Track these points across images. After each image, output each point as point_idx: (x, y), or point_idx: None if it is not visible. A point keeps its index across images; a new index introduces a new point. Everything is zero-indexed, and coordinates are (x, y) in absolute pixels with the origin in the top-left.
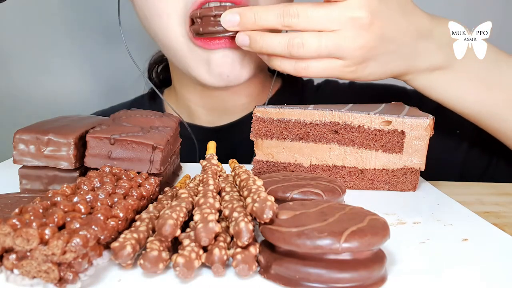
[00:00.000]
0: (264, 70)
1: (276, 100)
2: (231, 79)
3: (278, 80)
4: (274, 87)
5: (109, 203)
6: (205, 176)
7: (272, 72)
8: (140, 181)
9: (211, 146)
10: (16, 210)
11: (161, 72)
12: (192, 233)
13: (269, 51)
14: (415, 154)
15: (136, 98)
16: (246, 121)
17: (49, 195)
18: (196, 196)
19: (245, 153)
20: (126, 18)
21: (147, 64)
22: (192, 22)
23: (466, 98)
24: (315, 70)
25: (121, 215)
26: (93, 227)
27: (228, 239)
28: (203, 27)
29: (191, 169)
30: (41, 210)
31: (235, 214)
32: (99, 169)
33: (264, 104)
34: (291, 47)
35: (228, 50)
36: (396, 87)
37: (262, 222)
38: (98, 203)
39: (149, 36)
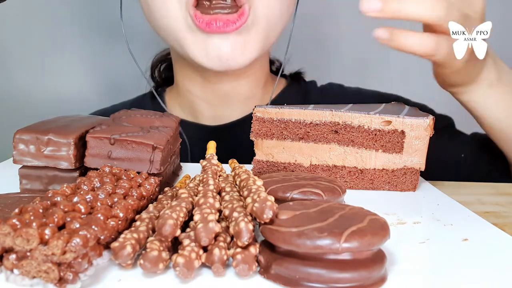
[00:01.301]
0: (267, 71)
1: (279, 101)
2: (231, 64)
3: (282, 81)
4: (278, 87)
5: (109, 203)
6: (205, 176)
7: (275, 73)
8: (140, 181)
9: (211, 146)
10: (16, 210)
11: (164, 71)
12: (192, 233)
13: None
14: (415, 154)
15: (137, 97)
16: (246, 121)
17: (49, 195)
18: (196, 196)
19: (245, 153)
20: (128, 18)
21: (150, 63)
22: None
23: (508, 113)
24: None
25: (121, 215)
26: (93, 227)
27: (228, 239)
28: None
29: (191, 169)
30: (41, 210)
31: (235, 214)
32: (99, 169)
33: (266, 104)
34: None
35: (228, 34)
36: (401, 98)
37: (262, 222)
38: (98, 203)
39: (149, 23)
